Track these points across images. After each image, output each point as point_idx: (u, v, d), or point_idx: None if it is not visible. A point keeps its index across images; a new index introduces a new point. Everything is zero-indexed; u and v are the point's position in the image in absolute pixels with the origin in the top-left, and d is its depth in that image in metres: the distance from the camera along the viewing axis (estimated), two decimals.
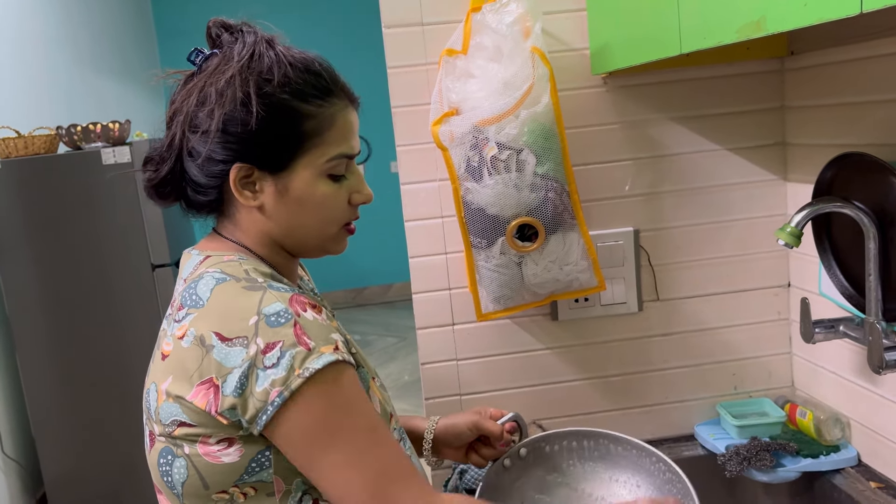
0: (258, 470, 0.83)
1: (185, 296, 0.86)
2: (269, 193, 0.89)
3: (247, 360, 0.79)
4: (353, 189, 0.94)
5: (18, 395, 3.09)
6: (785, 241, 1.06)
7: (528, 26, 1.18)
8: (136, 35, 5.57)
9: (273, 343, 0.79)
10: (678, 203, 1.38)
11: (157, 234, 3.02)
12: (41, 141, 2.97)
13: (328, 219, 0.92)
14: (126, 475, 3.09)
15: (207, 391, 0.80)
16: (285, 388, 0.78)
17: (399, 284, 6.34)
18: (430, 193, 1.34)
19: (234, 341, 0.79)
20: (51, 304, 2.99)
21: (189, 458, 0.83)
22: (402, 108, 1.32)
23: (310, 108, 0.88)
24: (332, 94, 0.91)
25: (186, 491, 0.85)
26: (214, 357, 0.80)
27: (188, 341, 0.82)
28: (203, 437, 0.82)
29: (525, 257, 1.25)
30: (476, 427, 1.13)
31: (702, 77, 1.34)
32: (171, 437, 0.84)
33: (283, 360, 0.78)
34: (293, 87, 0.88)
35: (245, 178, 0.88)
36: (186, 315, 0.84)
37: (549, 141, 1.19)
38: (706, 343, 1.42)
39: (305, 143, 0.88)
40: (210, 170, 0.89)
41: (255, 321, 0.79)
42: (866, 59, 1.13)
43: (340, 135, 0.90)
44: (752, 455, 1.26)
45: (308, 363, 0.79)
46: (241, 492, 0.84)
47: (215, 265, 0.88)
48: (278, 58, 0.89)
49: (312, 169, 0.89)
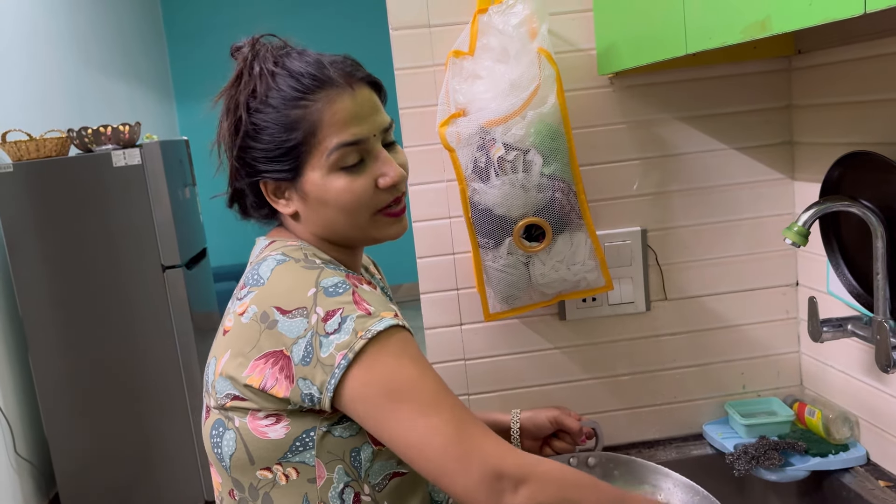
0: (301, 450, 0.86)
1: (248, 276, 0.90)
2: (296, 200, 0.94)
3: (310, 329, 0.82)
4: (377, 173, 0.92)
5: (31, 396, 3.12)
6: (792, 240, 1.06)
7: (534, 27, 1.19)
8: (146, 38, 5.61)
9: (333, 311, 0.82)
10: (686, 202, 1.38)
11: (167, 235, 3.04)
12: (52, 144, 3.00)
13: (353, 210, 0.92)
14: (138, 475, 3.12)
15: (265, 366, 0.83)
16: (349, 351, 0.81)
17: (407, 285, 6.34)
18: (438, 194, 1.35)
19: (294, 312, 0.83)
20: (63, 306, 3.01)
21: (238, 430, 0.86)
22: (410, 109, 1.32)
23: (297, 111, 0.89)
24: (319, 88, 0.89)
25: (234, 464, 0.88)
26: (279, 330, 0.83)
27: (248, 317, 0.85)
28: (253, 410, 0.85)
29: (532, 257, 1.25)
30: (557, 421, 1.20)
31: (709, 76, 1.34)
32: (223, 410, 0.88)
33: (344, 325, 0.81)
34: (276, 97, 0.89)
35: (275, 191, 0.94)
36: (248, 293, 0.87)
37: (556, 141, 1.19)
38: (714, 342, 1.42)
39: (304, 147, 0.89)
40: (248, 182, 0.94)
41: (314, 292, 0.83)
42: (874, 57, 1.13)
43: (336, 126, 0.89)
44: (760, 454, 1.26)
45: (370, 325, 0.82)
46: (283, 472, 0.87)
47: (278, 249, 0.92)
48: (261, 72, 0.90)
49: (320, 168, 0.90)
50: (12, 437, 2.93)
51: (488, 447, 0.82)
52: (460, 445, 0.81)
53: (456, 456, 0.81)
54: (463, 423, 0.83)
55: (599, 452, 1.22)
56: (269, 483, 0.87)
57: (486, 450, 0.82)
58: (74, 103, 4.05)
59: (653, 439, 1.44)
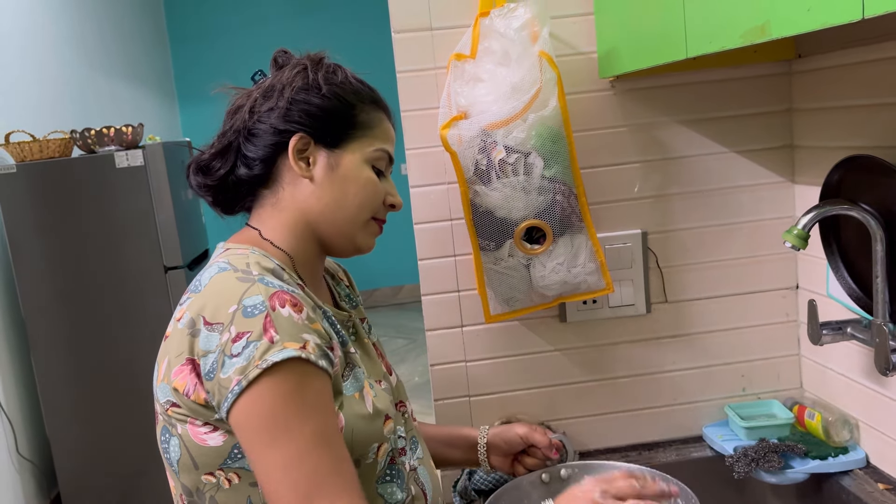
0: (240, 456, 0.86)
1: (193, 281, 0.91)
2: (321, 166, 0.96)
3: (219, 346, 0.82)
4: (387, 192, 1.02)
5: (33, 396, 3.13)
6: (792, 243, 1.06)
7: (535, 31, 1.19)
8: (148, 40, 5.62)
9: (242, 333, 0.81)
10: (686, 205, 1.38)
11: (169, 237, 3.05)
12: (56, 145, 3.00)
13: (366, 204, 0.98)
14: (140, 475, 3.12)
15: (187, 372, 0.84)
16: (244, 378, 0.80)
17: (409, 286, 6.35)
18: (439, 196, 1.35)
19: (214, 326, 0.83)
20: (65, 306, 3.02)
21: (181, 437, 0.87)
22: (412, 112, 1.33)
23: (363, 105, 0.99)
24: (379, 106, 1.02)
25: (181, 469, 0.88)
26: (199, 339, 0.83)
27: (182, 323, 0.86)
28: (191, 418, 0.86)
29: (533, 259, 1.26)
30: (526, 437, 1.20)
31: (709, 80, 1.35)
32: (166, 416, 0.88)
33: (246, 350, 0.80)
34: (352, 86, 1.00)
35: (301, 152, 0.96)
36: (187, 299, 0.89)
37: (557, 144, 1.20)
38: (714, 345, 1.43)
39: (357, 130, 0.98)
40: (268, 141, 0.96)
41: (235, 310, 0.83)
42: (874, 61, 1.13)
43: (385, 136, 1.02)
44: (760, 456, 1.26)
45: (268, 355, 0.80)
46: (225, 477, 0.87)
47: (226, 256, 0.92)
48: (339, 65, 1.01)
49: (361, 154, 0.98)
50: (14, 437, 2.93)
51: None
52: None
53: None
54: (321, 486, 0.80)
55: (571, 463, 1.22)
56: (214, 487, 0.87)
57: None
58: (77, 105, 4.06)
59: (652, 441, 1.44)
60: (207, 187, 1.00)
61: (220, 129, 1.00)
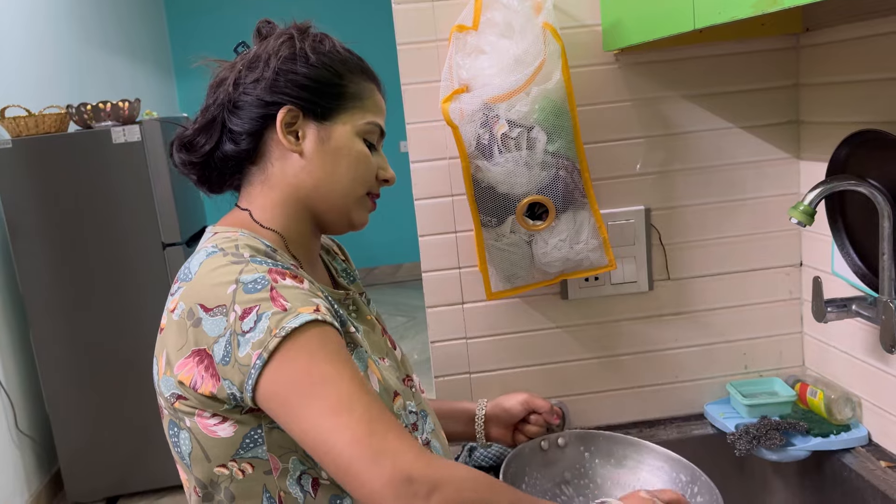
0: (252, 446, 0.85)
1: (181, 270, 0.89)
2: (310, 139, 0.94)
3: (229, 328, 0.79)
4: (380, 166, 0.99)
5: (32, 373, 3.13)
6: (798, 219, 1.05)
7: (539, 2, 1.17)
8: (145, 14, 5.56)
9: (249, 308, 0.79)
10: (690, 182, 1.37)
11: (167, 213, 3.04)
12: (52, 120, 2.98)
13: (359, 177, 0.96)
14: (140, 451, 3.13)
15: (193, 365, 0.82)
16: (264, 350, 0.78)
17: (409, 264, 6.35)
18: (440, 171, 1.34)
19: (216, 310, 0.80)
20: (63, 283, 3.01)
21: (191, 430, 0.85)
22: (412, 85, 1.31)
23: (353, 75, 0.96)
24: (369, 77, 0.99)
25: (193, 462, 0.87)
26: (204, 328, 0.81)
27: (177, 314, 0.84)
28: (199, 410, 0.84)
29: (535, 236, 1.24)
30: (526, 403, 1.20)
31: (715, 54, 1.32)
32: (173, 410, 0.86)
33: (259, 323, 0.79)
34: (340, 55, 0.96)
35: (289, 125, 0.93)
36: (178, 289, 0.86)
37: (560, 118, 1.18)
38: (717, 322, 1.42)
39: (348, 102, 0.95)
40: (254, 113, 0.93)
41: (234, 289, 0.80)
42: (882, 35, 1.11)
43: (377, 108, 0.99)
44: (761, 434, 1.26)
45: (284, 322, 0.78)
46: (238, 468, 0.86)
47: (214, 240, 0.90)
48: (326, 35, 0.98)
49: (352, 126, 0.95)
50: (14, 413, 2.94)
51: (402, 449, 0.76)
52: (370, 446, 0.75)
53: (363, 456, 0.75)
54: (377, 422, 0.77)
55: (569, 431, 1.23)
56: (228, 478, 0.86)
57: (399, 452, 0.76)
58: (74, 79, 4.02)
59: (654, 419, 1.44)
60: (192, 164, 0.97)
61: (203, 104, 0.96)
